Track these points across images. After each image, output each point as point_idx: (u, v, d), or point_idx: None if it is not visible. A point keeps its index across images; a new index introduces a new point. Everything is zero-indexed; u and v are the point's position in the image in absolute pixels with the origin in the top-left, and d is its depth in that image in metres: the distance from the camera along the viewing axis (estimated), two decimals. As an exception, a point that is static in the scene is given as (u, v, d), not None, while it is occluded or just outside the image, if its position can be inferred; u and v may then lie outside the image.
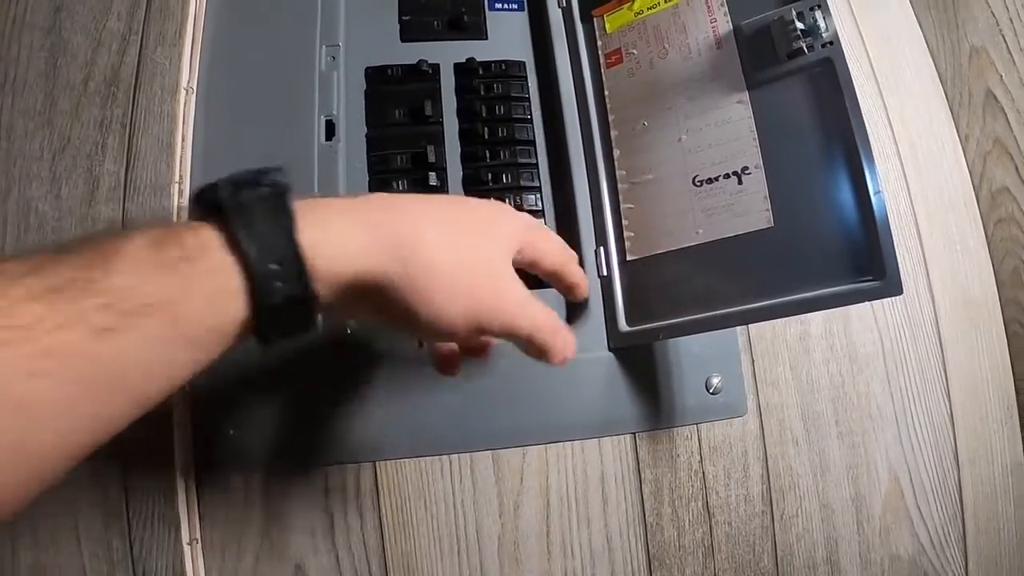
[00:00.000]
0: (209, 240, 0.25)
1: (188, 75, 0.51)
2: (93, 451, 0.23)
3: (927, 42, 0.64)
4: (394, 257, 0.29)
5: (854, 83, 0.42)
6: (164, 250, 0.24)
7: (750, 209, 0.45)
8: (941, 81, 0.63)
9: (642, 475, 0.49)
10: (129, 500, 0.44)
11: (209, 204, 0.26)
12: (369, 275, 0.28)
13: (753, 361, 0.52)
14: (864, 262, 0.40)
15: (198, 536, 0.45)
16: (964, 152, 0.62)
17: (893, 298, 0.55)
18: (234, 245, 0.25)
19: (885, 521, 0.53)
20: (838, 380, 0.54)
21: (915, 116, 0.61)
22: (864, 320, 0.55)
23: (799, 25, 0.42)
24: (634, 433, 0.49)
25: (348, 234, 0.28)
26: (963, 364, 0.57)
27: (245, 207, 0.25)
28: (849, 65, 0.42)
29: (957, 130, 0.62)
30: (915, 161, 0.60)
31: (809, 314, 0.53)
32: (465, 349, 0.41)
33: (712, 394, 0.50)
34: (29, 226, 0.48)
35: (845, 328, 0.54)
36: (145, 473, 0.44)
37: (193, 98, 0.51)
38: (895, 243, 0.39)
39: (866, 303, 0.54)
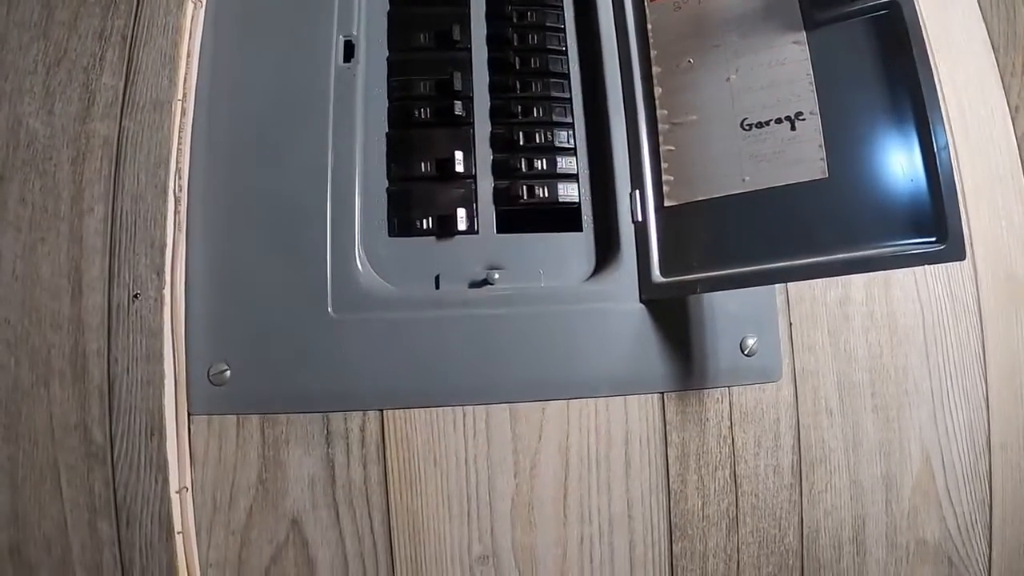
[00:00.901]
0: None
1: (196, -14, 0.47)
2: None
3: (980, 7, 0.61)
4: None
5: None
6: None
7: (803, 158, 0.42)
8: (993, 49, 0.60)
9: (668, 438, 0.46)
10: (114, 443, 0.41)
11: None
12: None
13: (791, 324, 0.49)
14: (926, 222, 0.38)
15: (188, 484, 0.42)
16: (1013, 124, 0.59)
17: (937, 268, 0.54)
18: None
19: (914, 502, 0.50)
20: (876, 350, 0.51)
21: (966, 82, 0.58)
22: (906, 289, 0.52)
23: (865, -37, 0.39)
24: (662, 393, 0.46)
25: None
26: (1001, 344, 0.54)
27: None
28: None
29: (1007, 100, 0.59)
30: (964, 128, 0.57)
31: (850, 278, 0.50)
32: None
33: (747, 356, 0.47)
34: (19, 144, 0.44)
35: (886, 296, 0.51)
36: (131, 414, 0.41)
37: (201, 11, 0.47)
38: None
39: (909, 270, 0.52)
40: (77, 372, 0.41)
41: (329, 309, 0.43)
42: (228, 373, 0.42)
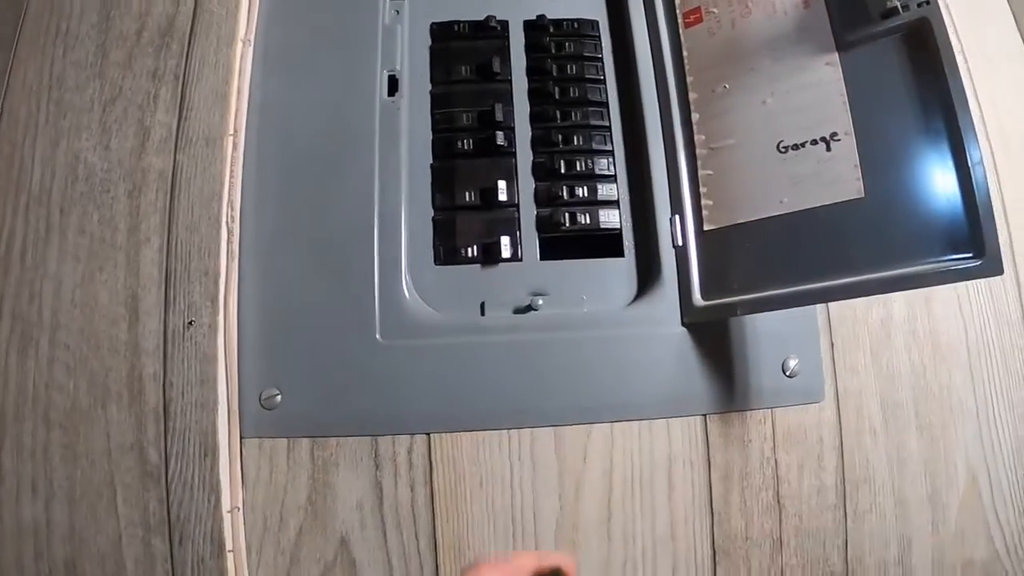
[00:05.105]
0: None
1: (246, 26, 0.49)
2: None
3: (1015, 17, 0.61)
4: None
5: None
6: None
7: (839, 178, 0.42)
8: (1029, 59, 0.60)
9: (711, 460, 0.46)
10: (168, 463, 0.42)
11: None
12: None
13: (832, 344, 0.49)
14: (962, 238, 0.38)
15: (239, 503, 0.43)
16: (1053, 136, 0.58)
17: (979, 284, 0.53)
18: None
19: (961, 522, 0.50)
20: (919, 368, 0.50)
21: (1003, 95, 0.57)
22: (948, 306, 0.51)
23: (894, -17, 0.40)
24: (705, 415, 0.47)
25: None
26: (1047, 359, 0.53)
27: None
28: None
29: (1045, 111, 0.58)
30: (1003, 141, 0.56)
31: (891, 296, 0.50)
32: None
33: (789, 377, 0.47)
34: (77, 177, 0.47)
35: (928, 313, 0.51)
36: (186, 436, 0.43)
37: (250, 50, 0.49)
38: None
39: (951, 286, 0.51)
40: (134, 395, 0.43)
41: (377, 335, 0.44)
42: (279, 398, 0.44)
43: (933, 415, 0.50)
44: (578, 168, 0.48)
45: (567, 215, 0.47)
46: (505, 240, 0.46)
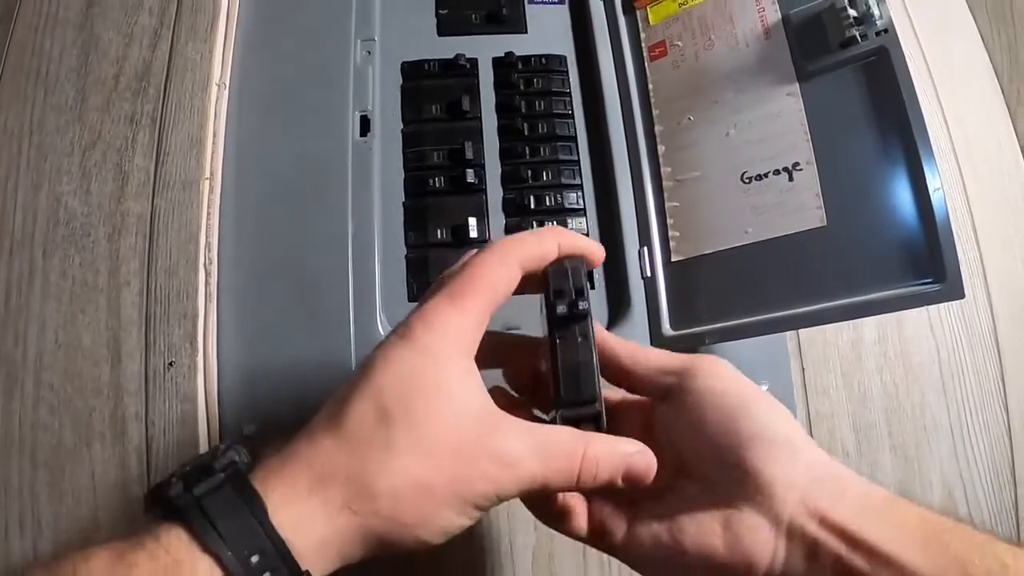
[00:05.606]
0: (177, 547, 0.22)
1: (220, 70, 0.50)
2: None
3: (981, 35, 0.61)
4: (359, 508, 0.25)
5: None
6: (129, 566, 0.22)
7: (802, 207, 0.43)
8: (997, 76, 0.60)
9: (686, 487, 0.47)
10: (153, 503, 0.43)
11: (168, 505, 0.23)
12: (353, 535, 0.25)
13: (803, 368, 0.50)
14: (923, 264, 0.38)
15: (223, 540, 0.44)
16: (1022, 151, 0.59)
17: (950, 304, 0.53)
18: (204, 547, 0.22)
19: (938, 538, 0.50)
20: (891, 389, 0.51)
21: (971, 113, 0.58)
22: (919, 327, 0.52)
23: (852, 12, 0.41)
24: (678, 442, 0.47)
25: (314, 502, 0.25)
26: (1021, 373, 0.54)
27: (203, 503, 0.23)
28: (903, 56, 0.40)
29: (1015, 128, 0.59)
30: (971, 160, 0.57)
31: (861, 320, 0.51)
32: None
33: (760, 402, 0.47)
34: (59, 221, 0.48)
35: (899, 335, 0.52)
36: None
37: (225, 93, 0.50)
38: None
39: (922, 308, 0.52)
40: (117, 434, 0.44)
41: (353, 371, 0.44)
42: (256, 432, 0.44)
43: (907, 434, 0.50)
44: (547, 203, 0.48)
45: (537, 250, 0.47)
46: (476, 276, 0.46)
